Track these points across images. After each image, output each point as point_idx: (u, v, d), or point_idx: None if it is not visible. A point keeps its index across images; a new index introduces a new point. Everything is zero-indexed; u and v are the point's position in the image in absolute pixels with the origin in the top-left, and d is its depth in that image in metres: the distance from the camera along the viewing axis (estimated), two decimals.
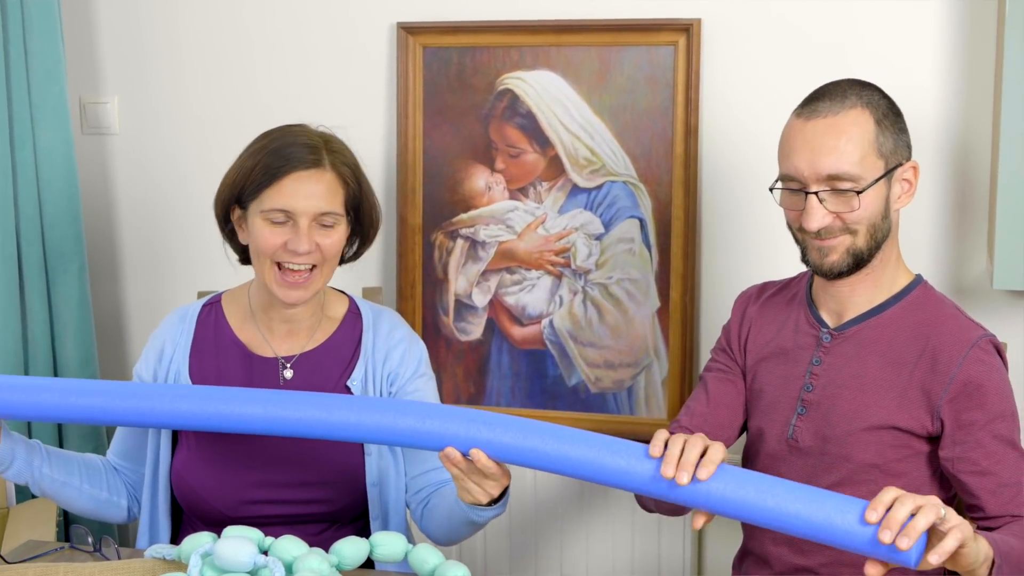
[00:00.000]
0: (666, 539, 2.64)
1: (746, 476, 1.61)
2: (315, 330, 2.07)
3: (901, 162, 1.91)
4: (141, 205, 3.00)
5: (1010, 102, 2.26)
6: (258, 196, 1.96)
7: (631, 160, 2.63)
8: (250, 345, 2.07)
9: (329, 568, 1.68)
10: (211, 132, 2.91)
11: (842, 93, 1.89)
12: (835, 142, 1.85)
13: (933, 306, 1.95)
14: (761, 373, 2.04)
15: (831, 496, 1.57)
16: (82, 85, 2.98)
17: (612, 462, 1.66)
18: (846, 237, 1.88)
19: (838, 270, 1.90)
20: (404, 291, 2.78)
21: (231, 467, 2.00)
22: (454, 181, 2.74)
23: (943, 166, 2.50)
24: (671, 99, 2.60)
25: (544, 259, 2.71)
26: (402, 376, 2.07)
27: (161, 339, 2.10)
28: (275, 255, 1.95)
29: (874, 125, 1.87)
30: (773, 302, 2.09)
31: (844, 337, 1.95)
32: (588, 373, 2.71)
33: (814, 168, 1.86)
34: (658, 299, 2.65)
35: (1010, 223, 2.29)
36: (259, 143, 2.01)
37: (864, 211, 1.86)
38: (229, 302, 2.12)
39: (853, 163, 1.85)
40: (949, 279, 2.51)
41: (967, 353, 1.87)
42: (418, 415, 1.76)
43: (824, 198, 1.86)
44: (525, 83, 2.68)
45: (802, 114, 1.90)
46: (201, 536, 1.75)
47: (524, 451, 1.71)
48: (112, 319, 3.06)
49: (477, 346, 2.77)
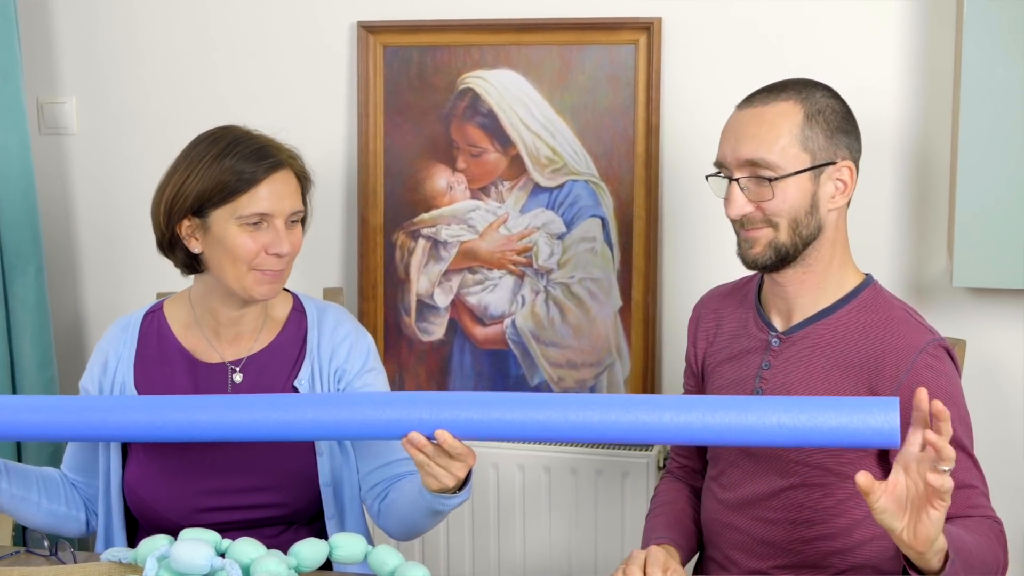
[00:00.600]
0: (629, 540, 2.63)
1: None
2: (260, 332, 2.06)
3: (834, 160, 1.88)
4: (100, 206, 2.98)
5: (968, 100, 2.28)
6: (230, 203, 1.92)
7: (592, 159, 2.63)
8: (195, 352, 2.04)
9: (287, 570, 1.67)
10: (172, 132, 2.88)
11: (781, 87, 1.90)
12: (756, 129, 1.86)
13: (882, 308, 1.92)
14: (714, 377, 2.03)
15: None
16: (39, 85, 2.95)
17: (575, 417, 1.70)
18: (768, 230, 1.88)
19: (761, 263, 1.90)
20: (366, 291, 2.76)
21: (181, 477, 1.98)
22: (415, 181, 2.73)
23: (903, 165, 2.51)
24: (632, 98, 2.60)
25: (506, 259, 2.71)
26: (349, 372, 2.05)
27: (104, 350, 2.07)
28: (255, 261, 1.93)
29: (803, 119, 1.86)
30: (724, 304, 2.07)
31: (792, 341, 1.93)
32: (551, 373, 2.71)
33: (736, 153, 1.87)
34: (620, 298, 2.65)
35: (969, 221, 2.30)
36: (210, 149, 1.96)
37: (783, 203, 1.86)
38: (171, 309, 2.09)
39: (771, 150, 1.85)
40: (909, 277, 2.52)
41: (915, 359, 1.84)
42: (374, 405, 1.75)
43: (745, 186, 1.87)
44: (486, 82, 2.67)
45: (740, 105, 1.93)
46: (158, 539, 1.73)
47: (490, 423, 1.71)
48: (70, 321, 3.03)
49: (439, 346, 2.76)
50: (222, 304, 2.01)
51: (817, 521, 1.91)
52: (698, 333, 2.10)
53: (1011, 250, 2.30)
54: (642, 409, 1.68)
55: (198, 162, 1.96)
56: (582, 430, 1.70)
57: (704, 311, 2.11)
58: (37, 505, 2.01)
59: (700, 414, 1.66)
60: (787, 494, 1.92)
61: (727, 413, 1.65)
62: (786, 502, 1.92)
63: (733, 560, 1.99)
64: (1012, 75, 2.25)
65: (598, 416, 1.69)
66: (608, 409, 1.69)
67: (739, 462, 1.98)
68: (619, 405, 1.70)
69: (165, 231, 1.99)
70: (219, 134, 2.00)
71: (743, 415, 1.64)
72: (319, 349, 2.05)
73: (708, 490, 2.04)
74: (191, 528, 1.75)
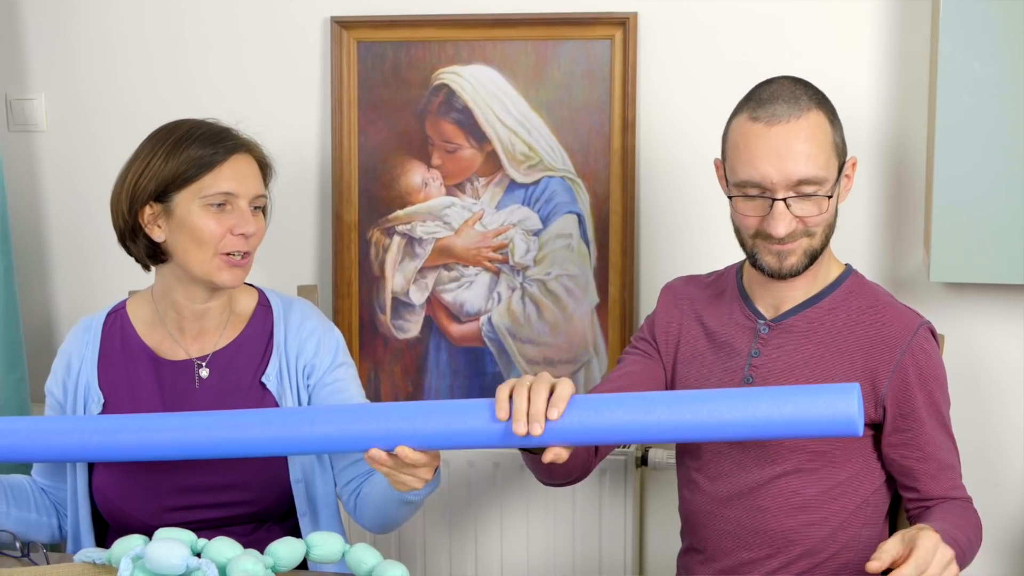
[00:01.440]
0: (608, 537, 2.62)
1: (598, 400, 1.64)
2: (225, 326, 2.03)
3: (846, 158, 1.92)
4: (70, 204, 2.94)
5: (945, 95, 2.28)
6: (194, 183, 1.91)
7: (568, 155, 2.62)
8: (159, 350, 2.02)
9: (264, 569, 1.65)
10: (143, 129, 2.80)
11: (792, 94, 1.87)
12: (802, 146, 1.83)
13: (868, 294, 1.97)
14: (696, 368, 2.02)
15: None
16: (7, 81, 2.91)
17: (465, 427, 1.67)
18: (805, 240, 1.88)
19: (796, 271, 1.90)
20: (340, 289, 2.74)
21: (150, 478, 1.96)
22: (390, 177, 2.71)
23: (878, 160, 2.51)
24: (608, 93, 2.58)
25: (482, 255, 2.69)
26: (319, 368, 2.04)
27: (68, 353, 2.05)
28: (221, 244, 1.92)
29: (829, 125, 1.87)
30: (703, 295, 2.07)
31: (782, 328, 1.95)
32: (527, 370, 2.69)
33: (784, 174, 1.82)
34: (597, 295, 2.64)
35: (946, 216, 2.30)
36: (169, 137, 1.95)
37: (829, 214, 1.88)
38: (134, 308, 2.07)
39: (820, 167, 1.84)
40: (885, 272, 2.52)
41: (911, 340, 1.89)
42: (335, 421, 1.74)
43: (790, 204, 1.84)
44: (461, 78, 2.65)
45: (759, 118, 1.85)
46: (132, 539, 1.71)
47: (451, 433, 1.69)
48: (41, 320, 2.99)
49: (415, 344, 2.74)
50: (186, 298, 1.99)
51: (810, 507, 1.91)
52: (673, 309, 2.08)
53: (988, 245, 2.30)
54: (603, 409, 1.64)
55: (158, 149, 1.95)
56: (540, 437, 1.66)
57: (680, 294, 2.09)
58: (6, 515, 1.99)
59: (664, 411, 1.62)
60: (779, 482, 1.92)
61: (687, 409, 1.62)
62: (778, 490, 1.92)
63: (723, 550, 1.98)
64: (988, 70, 2.25)
65: (493, 427, 1.65)
66: (569, 411, 1.65)
67: (728, 452, 1.97)
68: (578, 407, 1.65)
69: (128, 219, 1.97)
70: (177, 123, 2.00)
71: (700, 410, 1.61)
72: (286, 344, 2.03)
73: (691, 483, 2.03)
74: (165, 528, 1.72)
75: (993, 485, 2.49)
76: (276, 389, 2.00)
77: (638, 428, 1.62)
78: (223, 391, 1.98)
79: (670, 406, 1.62)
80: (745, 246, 1.93)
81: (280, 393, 2.01)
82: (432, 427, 1.68)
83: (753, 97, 1.90)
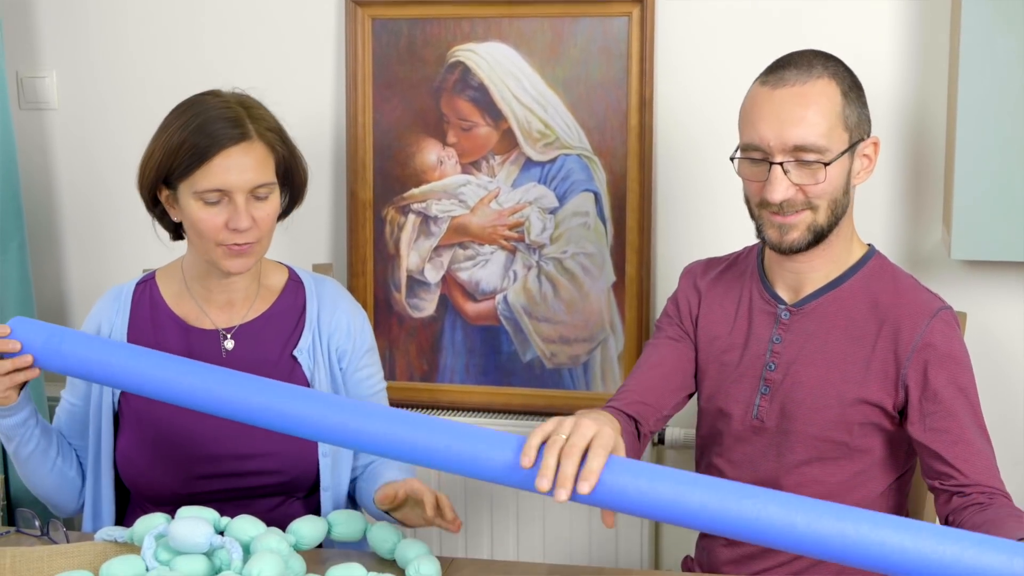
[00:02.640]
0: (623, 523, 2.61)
1: (630, 470, 1.51)
2: (254, 300, 2.04)
3: (864, 137, 1.88)
4: (82, 181, 2.93)
5: (967, 70, 2.25)
6: (188, 177, 1.90)
7: (585, 133, 2.60)
8: (187, 319, 2.03)
9: (287, 547, 1.64)
10: (156, 106, 2.79)
11: (808, 63, 1.85)
12: (803, 112, 1.81)
13: (890, 277, 1.94)
14: (717, 352, 2.00)
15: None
16: (19, 59, 2.89)
17: (488, 459, 1.56)
18: (807, 213, 1.85)
19: (798, 247, 1.87)
20: (355, 267, 2.73)
21: (177, 445, 1.96)
22: (405, 155, 2.69)
23: (898, 137, 2.49)
24: (625, 70, 2.56)
25: (498, 234, 2.67)
26: (350, 353, 2.05)
27: (97, 320, 2.04)
28: (218, 237, 1.90)
29: (841, 96, 1.84)
30: (723, 279, 2.05)
31: (803, 313, 1.92)
32: (543, 349, 2.68)
33: (781, 138, 1.81)
34: (613, 273, 2.62)
35: (968, 193, 2.28)
36: (178, 119, 1.94)
37: (828, 184, 1.83)
38: (163, 278, 2.07)
39: (820, 134, 1.81)
40: (904, 250, 2.51)
41: (929, 323, 1.86)
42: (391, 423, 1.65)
43: (788, 169, 1.82)
44: (477, 55, 2.63)
45: (767, 82, 1.86)
46: (154, 517, 1.70)
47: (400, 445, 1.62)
48: (54, 297, 2.98)
49: (430, 323, 2.73)
50: (208, 272, 1.99)
51: (834, 495, 1.89)
52: (694, 292, 2.06)
53: (1009, 222, 2.29)
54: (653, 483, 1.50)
55: (164, 131, 1.94)
56: (488, 474, 1.57)
57: (700, 277, 2.07)
58: (52, 462, 1.99)
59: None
60: (802, 469, 1.91)
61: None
62: (801, 478, 1.90)
63: (714, 550, 1.98)
64: (1011, 44, 2.23)
65: (516, 472, 1.53)
66: (514, 461, 1.53)
67: (751, 439, 1.95)
68: (628, 474, 1.51)
69: (148, 195, 1.98)
70: (192, 102, 1.97)
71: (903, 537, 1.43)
72: (319, 320, 2.03)
73: (712, 468, 2.01)
74: (188, 506, 1.72)
75: (1014, 462, 2.47)
76: (307, 363, 2.01)
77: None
78: (250, 363, 1.97)
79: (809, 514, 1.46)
80: (753, 218, 1.91)
81: (311, 368, 2.01)
82: (456, 448, 1.58)
83: (771, 66, 1.89)
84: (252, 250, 1.94)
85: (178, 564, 1.60)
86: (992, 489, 1.81)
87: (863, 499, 1.90)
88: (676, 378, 2.03)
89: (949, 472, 1.83)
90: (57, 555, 1.70)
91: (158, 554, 1.62)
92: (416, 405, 2.74)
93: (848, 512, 1.45)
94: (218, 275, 1.99)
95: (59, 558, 1.70)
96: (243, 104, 1.96)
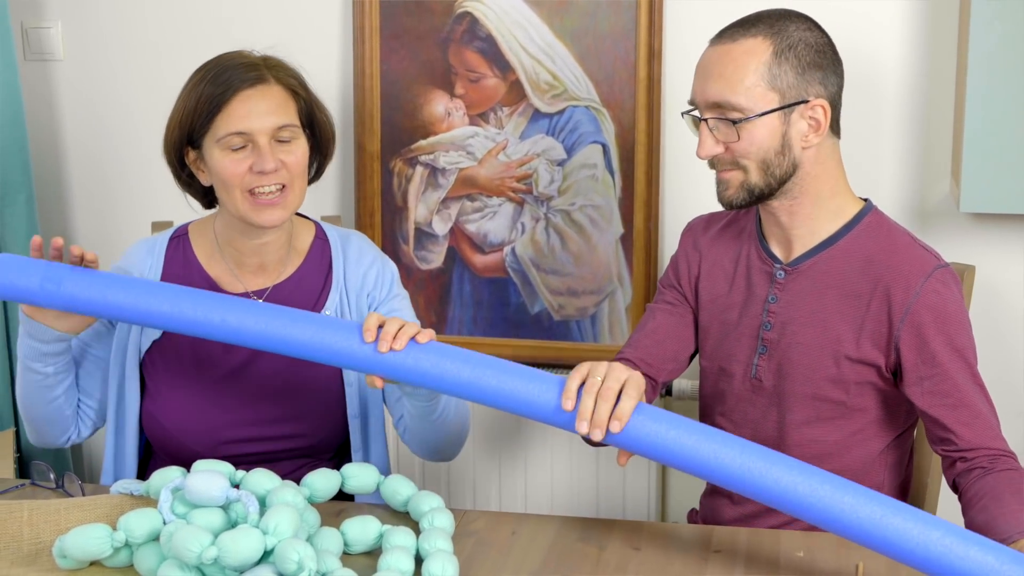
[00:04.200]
0: (631, 468, 2.63)
1: (657, 417, 1.62)
2: (285, 263, 2.02)
3: (806, 99, 1.82)
4: (89, 133, 2.92)
5: (978, 23, 2.24)
6: (209, 127, 1.89)
7: (593, 84, 2.59)
8: (220, 281, 2.00)
9: (303, 500, 1.66)
10: (162, 56, 2.83)
11: (754, 21, 1.84)
12: (721, 69, 1.82)
13: (885, 234, 1.90)
14: (718, 311, 2.00)
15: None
16: (23, 9, 2.87)
17: (532, 399, 1.66)
18: (738, 172, 1.85)
19: (736, 204, 1.87)
20: (363, 219, 2.73)
21: (206, 407, 1.96)
22: (413, 107, 2.69)
23: (904, 89, 2.48)
24: (634, 21, 2.55)
25: (505, 186, 2.67)
26: (377, 298, 2.04)
27: (126, 269, 2.02)
28: (243, 183, 1.89)
29: (770, 56, 1.80)
30: (723, 236, 2.04)
31: (798, 272, 1.91)
32: (551, 301, 2.69)
33: (704, 94, 1.84)
34: (621, 225, 2.63)
35: (977, 145, 2.28)
36: (195, 78, 1.94)
37: (750, 144, 1.82)
38: (196, 235, 2.04)
39: (736, 91, 1.80)
40: (911, 203, 2.51)
41: (923, 284, 1.84)
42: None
43: (714, 126, 1.83)
44: (484, 6, 2.62)
45: (712, 40, 1.88)
46: (170, 471, 1.71)
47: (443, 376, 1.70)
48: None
49: (438, 275, 2.73)
50: (241, 235, 1.97)
51: (834, 454, 1.90)
52: (693, 251, 2.05)
53: (1019, 175, 2.28)
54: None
55: (184, 93, 1.94)
56: (529, 411, 1.68)
57: (701, 234, 2.07)
58: (54, 398, 1.97)
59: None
60: (801, 429, 1.91)
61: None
62: (800, 437, 1.91)
63: (717, 505, 1.99)
64: None
65: (556, 409, 1.66)
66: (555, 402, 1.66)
67: (751, 398, 1.96)
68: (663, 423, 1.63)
69: (176, 163, 1.96)
70: (209, 61, 1.96)
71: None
72: (346, 278, 2.02)
73: (716, 425, 2.02)
74: (204, 460, 1.73)
75: (1016, 413, 2.48)
76: None
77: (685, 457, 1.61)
78: None
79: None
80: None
81: None
82: (502, 385, 1.67)
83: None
84: (283, 201, 1.90)
85: (194, 517, 1.61)
86: (994, 451, 1.82)
87: (862, 457, 1.91)
88: (670, 345, 2.04)
89: (950, 437, 1.83)
90: (74, 508, 1.72)
91: (175, 507, 1.63)
92: None
93: (857, 490, 1.54)
94: (253, 234, 1.96)
95: (75, 511, 1.71)
96: (262, 56, 1.97)
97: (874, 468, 1.92)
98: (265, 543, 1.52)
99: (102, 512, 1.72)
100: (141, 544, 1.61)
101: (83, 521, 1.70)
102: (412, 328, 1.70)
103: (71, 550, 1.60)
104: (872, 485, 1.90)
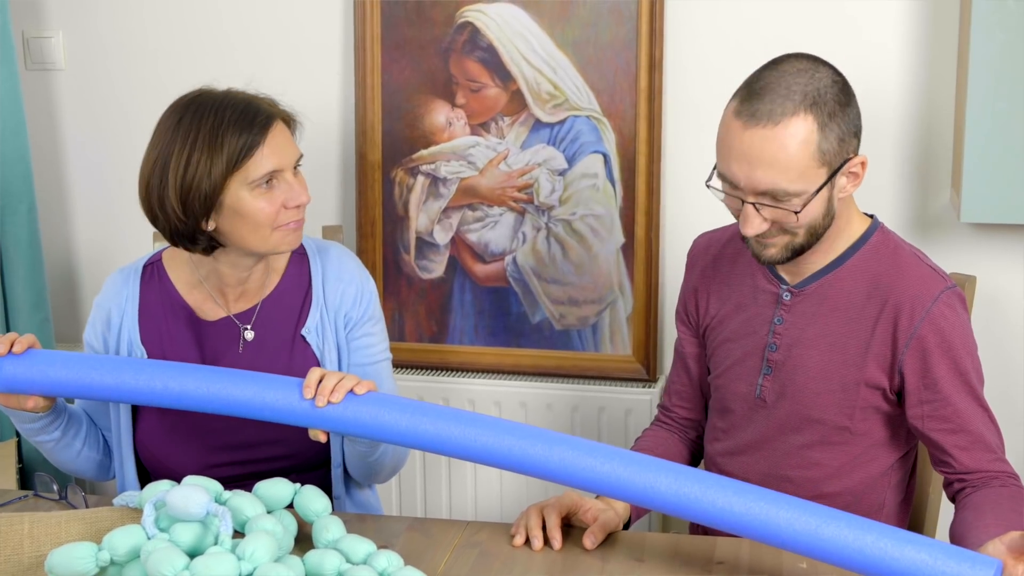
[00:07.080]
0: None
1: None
2: (263, 283, 2.00)
3: (848, 157, 1.78)
4: (91, 143, 2.92)
5: (979, 32, 2.24)
6: (238, 172, 1.84)
7: (594, 94, 2.59)
8: (200, 310, 1.99)
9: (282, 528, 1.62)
10: (163, 66, 2.83)
11: (785, 89, 1.72)
12: (772, 158, 1.71)
13: (892, 255, 1.88)
14: (722, 331, 1.98)
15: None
16: (24, 19, 2.88)
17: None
18: (784, 237, 1.80)
19: (777, 261, 1.83)
20: (364, 229, 2.73)
21: (192, 434, 1.96)
22: (414, 117, 2.69)
23: (905, 101, 2.48)
24: (635, 31, 2.55)
25: (507, 195, 2.67)
26: (353, 319, 2.02)
27: (107, 307, 2.00)
28: (277, 220, 1.87)
29: (817, 132, 1.72)
30: (725, 256, 2.00)
31: (804, 295, 1.89)
32: (552, 310, 2.69)
33: (750, 181, 1.74)
34: (622, 235, 2.63)
35: (978, 156, 2.28)
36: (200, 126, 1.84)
37: (805, 218, 1.77)
38: (171, 264, 2.01)
39: (791, 180, 1.73)
40: (912, 213, 2.51)
41: (930, 308, 1.82)
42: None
43: (760, 208, 1.76)
44: (486, 16, 2.62)
45: (741, 114, 1.74)
46: (161, 484, 1.69)
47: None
48: (63, 261, 2.98)
49: (439, 284, 2.74)
50: (231, 267, 1.95)
51: (832, 478, 1.90)
52: (698, 277, 2.03)
53: (1019, 185, 2.28)
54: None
55: (197, 142, 1.84)
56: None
57: (700, 260, 2.04)
58: (77, 452, 2.01)
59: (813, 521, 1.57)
60: (803, 452, 1.90)
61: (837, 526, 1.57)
62: (802, 460, 1.91)
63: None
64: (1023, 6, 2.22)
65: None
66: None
67: (753, 417, 1.94)
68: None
69: (184, 222, 1.86)
70: (199, 103, 1.87)
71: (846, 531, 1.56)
72: (325, 294, 2.00)
73: (716, 441, 2.02)
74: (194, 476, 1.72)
75: (1017, 424, 2.49)
76: (316, 342, 1.98)
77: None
78: (264, 348, 1.97)
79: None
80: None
81: (320, 346, 1.99)
82: (439, 432, 1.71)
83: (749, 84, 1.77)
84: (302, 223, 1.92)
85: (175, 532, 1.58)
86: (992, 473, 1.82)
87: (863, 479, 1.90)
88: (702, 378, 2.08)
89: (949, 461, 1.84)
90: (75, 520, 1.71)
91: (159, 521, 1.61)
92: (425, 367, 2.75)
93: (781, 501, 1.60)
94: (246, 265, 1.94)
95: (76, 523, 1.71)
96: (240, 93, 1.91)
97: (876, 488, 1.91)
98: (240, 569, 1.50)
99: (104, 525, 1.71)
100: (127, 562, 1.58)
101: (84, 533, 1.70)
102: (350, 381, 1.75)
103: (57, 568, 1.57)
104: (873, 504, 1.91)
